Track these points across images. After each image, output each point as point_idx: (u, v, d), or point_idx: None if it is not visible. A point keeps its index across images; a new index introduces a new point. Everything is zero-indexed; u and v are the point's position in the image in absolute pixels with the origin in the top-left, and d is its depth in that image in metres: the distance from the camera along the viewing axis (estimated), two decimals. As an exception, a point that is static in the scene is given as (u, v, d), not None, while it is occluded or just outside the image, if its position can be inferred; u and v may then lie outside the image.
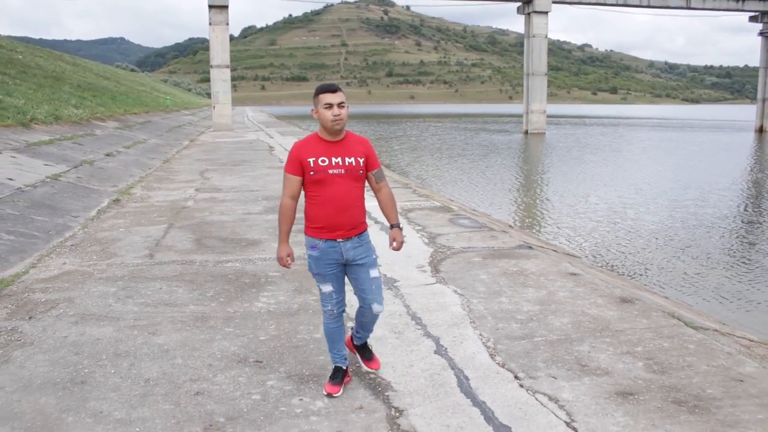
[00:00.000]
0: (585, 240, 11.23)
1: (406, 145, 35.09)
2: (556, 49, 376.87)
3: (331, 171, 3.27)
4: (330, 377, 3.54)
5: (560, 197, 16.15)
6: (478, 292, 5.30)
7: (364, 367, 3.71)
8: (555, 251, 7.61)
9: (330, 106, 3.23)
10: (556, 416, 3.27)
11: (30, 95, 23.18)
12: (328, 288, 3.44)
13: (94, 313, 4.82)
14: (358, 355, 3.75)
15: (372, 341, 3.94)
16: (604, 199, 15.88)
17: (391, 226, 3.53)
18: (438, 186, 17.54)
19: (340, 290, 3.47)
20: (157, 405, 3.38)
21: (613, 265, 9.44)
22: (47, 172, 11.37)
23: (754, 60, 44.13)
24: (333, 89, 3.26)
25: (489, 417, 3.26)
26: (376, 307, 3.46)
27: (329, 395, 3.43)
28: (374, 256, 3.48)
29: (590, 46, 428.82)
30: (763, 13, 43.52)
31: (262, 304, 5.02)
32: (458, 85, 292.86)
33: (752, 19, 44.45)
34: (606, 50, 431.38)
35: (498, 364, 3.90)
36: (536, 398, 3.46)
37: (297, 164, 3.32)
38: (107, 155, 15.62)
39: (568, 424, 3.20)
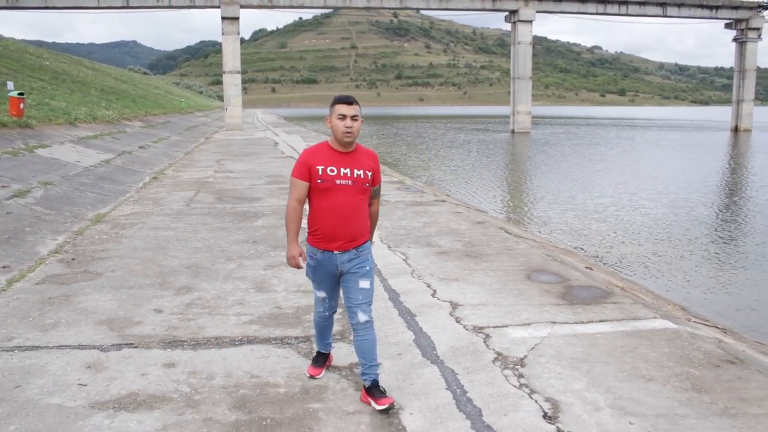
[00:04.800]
0: (489, 196, 14.59)
1: (384, 140, 38.70)
2: (566, 51, 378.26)
3: (338, 181, 3.31)
4: (313, 360, 3.84)
5: (492, 174, 19.43)
6: (390, 219, 8.65)
7: (377, 407, 3.35)
8: (467, 207, 10.91)
9: (343, 117, 3.29)
10: (400, 258, 6.60)
11: (68, 98, 26.77)
12: (322, 294, 3.58)
13: (160, 227, 8.21)
14: (371, 400, 3.40)
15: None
16: (524, 174, 19.16)
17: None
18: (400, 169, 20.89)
19: (333, 297, 3.59)
20: (202, 254, 6.75)
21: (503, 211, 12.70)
22: (100, 158, 14.80)
23: (764, 62, 46.88)
24: (349, 101, 3.33)
25: (366, 257, 6.60)
26: (360, 315, 3.42)
27: (311, 377, 3.74)
28: (368, 268, 3.47)
29: (600, 48, 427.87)
30: (737, 21, 46.67)
31: (258, 223, 8.41)
32: (467, 87, 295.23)
33: (727, 26, 47.60)
34: (616, 52, 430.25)
35: (383, 242, 7.24)
36: (394, 253, 6.80)
37: (305, 170, 3.34)
38: (140, 147, 19.08)
39: (404, 260, 6.52)
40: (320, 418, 3.33)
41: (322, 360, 3.83)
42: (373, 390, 3.42)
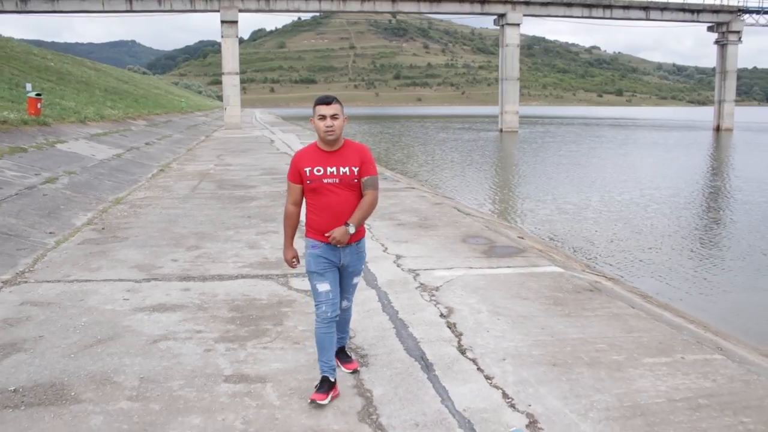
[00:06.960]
0: (454, 183, 16.28)
1: (372, 138, 40.58)
2: (564, 51, 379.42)
3: (325, 180, 3.40)
4: (317, 387, 3.54)
5: (463, 168, 21.09)
6: (363, 201, 10.28)
7: (343, 369, 3.76)
8: (435, 193, 12.53)
9: (323, 117, 3.37)
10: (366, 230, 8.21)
11: (75, 98, 28.38)
12: (325, 287, 3.51)
13: (170, 207, 9.84)
14: (338, 363, 3.82)
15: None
16: (490, 166, 20.85)
17: (345, 223, 3.45)
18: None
19: (336, 289, 3.56)
20: (206, 225, 8.38)
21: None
22: (111, 152, 16.41)
23: (763, 62, 48.44)
24: (328, 101, 3.41)
25: (337, 227, 8.24)
26: (344, 303, 3.74)
27: (313, 401, 3.45)
28: (362, 265, 3.72)
29: (598, 48, 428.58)
30: (718, 24, 48.37)
31: (253, 204, 10.04)
32: (465, 87, 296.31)
33: (709, 29, 49.33)
34: (614, 52, 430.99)
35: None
36: (361, 224, 8.41)
37: (296, 173, 3.48)
38: (146, 144, 20.71)
39: (368, 229, 8.13)
40: (288, 315, 4.96)
41: (326, 387, 3.53)
42: (340, 353, 3.91)
